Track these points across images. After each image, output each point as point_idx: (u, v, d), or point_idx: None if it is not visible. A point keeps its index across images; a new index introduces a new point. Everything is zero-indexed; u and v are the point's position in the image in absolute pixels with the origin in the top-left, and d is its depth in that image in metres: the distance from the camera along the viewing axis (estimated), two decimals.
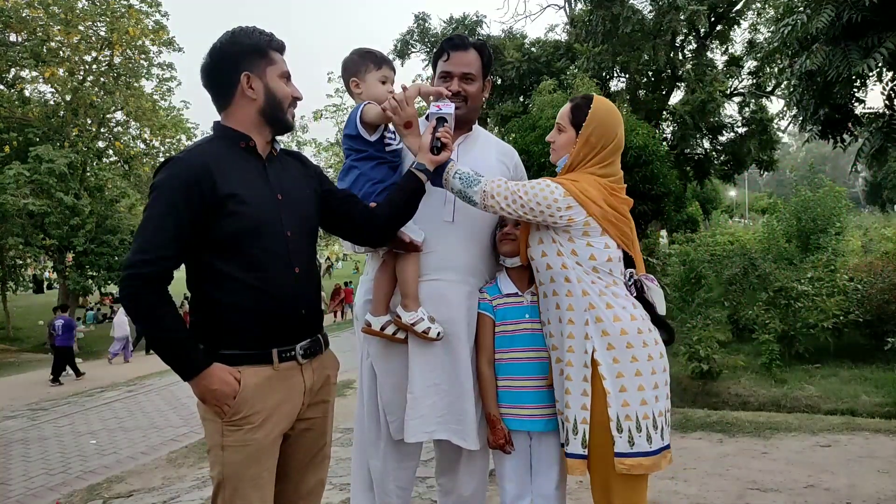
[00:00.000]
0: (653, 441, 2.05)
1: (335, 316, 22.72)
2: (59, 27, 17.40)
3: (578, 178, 2.14)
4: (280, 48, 1.95)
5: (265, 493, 1.81)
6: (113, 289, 26.31)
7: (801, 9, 6.89)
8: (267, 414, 1.80)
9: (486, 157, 2.43)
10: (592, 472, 2.13)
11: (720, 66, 17.07)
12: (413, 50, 18.59)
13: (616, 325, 2.08)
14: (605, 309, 2.09)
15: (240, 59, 1.88)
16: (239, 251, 1.80)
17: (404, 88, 2.19)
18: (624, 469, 2.03)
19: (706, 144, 18.97)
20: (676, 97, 17.79)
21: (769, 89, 17.65)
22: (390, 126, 2.28)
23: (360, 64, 2.28)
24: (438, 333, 2.21)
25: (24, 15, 17.11)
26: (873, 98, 16.75)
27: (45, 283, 31.10)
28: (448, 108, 2.19)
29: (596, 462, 2.08)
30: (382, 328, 2.27)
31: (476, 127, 2.49)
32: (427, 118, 2.21)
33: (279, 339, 1.86)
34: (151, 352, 17.99)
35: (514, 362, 2.30)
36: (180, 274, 1.86)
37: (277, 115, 1.93)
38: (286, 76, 1.94)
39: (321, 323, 2.04)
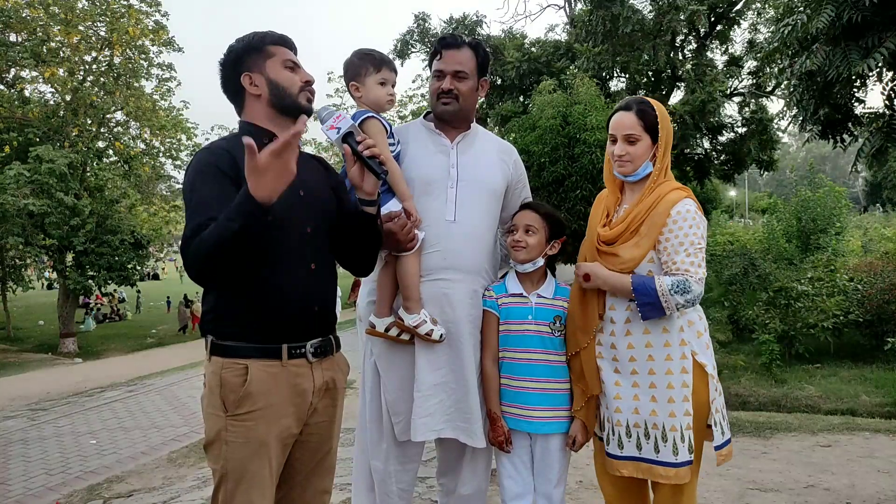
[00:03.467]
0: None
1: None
2: (59, 27, 17.37)
3: (684, 187, 2.18)
4: (279, 41, 1.94)
5: (266, 491, 1.79)
6: (113, 289, 26.30)
7: (801, 9, 6.89)
8: (271, 410, 1.78)
9: (485, 154, 2.43)
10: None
11: (720, 66, 17.06)
12: (413, 50, 18.58)
13: (701, 324, 2.16)
14: (692, 312, 2.15)
15: (237, 64, 1.91)
16: (255, 244, 1.78)
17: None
18: (723, 459, 2.11)
19: (706, 144, 18.96)
20: (676, 97, 17.77)
21: (769, 89, 17.64)
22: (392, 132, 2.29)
23: (360, 66, 2.27)
24: (441, 335, 2.21)
25: (24, 15, 17.08)
26: (873, 98, 16.77)
27: (47, 283, 31.08)
28: (342, 121, 1.94)
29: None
30: (387, 329, 2.27)
31: (474, 125, 2.48)
32: (335, 143, 1.97)
33: (290, 335, 1.84)
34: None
35: (516, 362, 2.30)
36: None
37: (286, 102, 1.91)
38: (289, 64, 1.93)
39: (334, 323, 2.01)
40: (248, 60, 1.91)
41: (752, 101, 17.91)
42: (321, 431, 1.96)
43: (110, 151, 19.62)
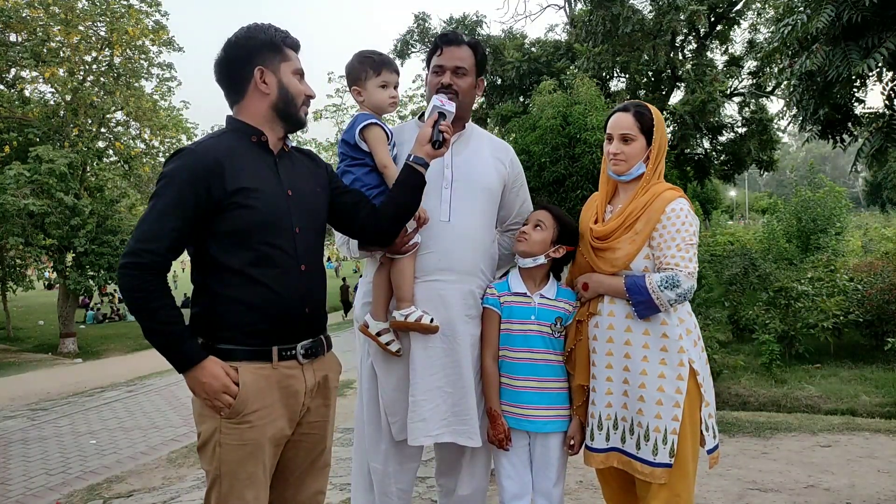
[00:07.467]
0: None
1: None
2: (59, 27, 17.37)
3: (677, 188, 2.24)
4: (294, 46, 1.95)
5: (260, 493, 1.80)
6: (113, 288, 26.31)
7: (801, 9, 6.88)
8: (264, 413, 1.79)
9: (480, 154, 2.43)
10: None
11: (720, 66, 17.05)
12: (413, 50, 18.56)
13: (697, 331, 2.21)
14: (689, 316, 2.20)
15: (254, 54, 1.88)
16: (245, 245, 1.79)
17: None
18: (714, 462, 2.20)
19: (706, 144, 18.95)
20: (676, 97, 17.76)
21: (769, 89, 17.62)
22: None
23: (360, 71, 2.27)
24: (432, 320, 2.20)
25: (24, 15, 17.07)
26: (873, 98, 16.77)
27: (47, 284, 31.07)
28: (450, 105, 2.18)
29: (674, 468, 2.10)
30: (378, 334, 2.25)
31: (469, 124, 2.49)
32: (426, 111, 2.21)
33: (280, 337, 1.84)
34: None
35: (516, 361, 2.30)
36: (184, 274, 1.85)
37: (290, 112, 1.92)
38: (299, 73, 1.94)
39: (325, 324, 2.02)
40: (266, 55, 1.88)
41: (752, 101, 17.90)
42: (315, 431, 1.97)
43: (110, 151, 19.60)
